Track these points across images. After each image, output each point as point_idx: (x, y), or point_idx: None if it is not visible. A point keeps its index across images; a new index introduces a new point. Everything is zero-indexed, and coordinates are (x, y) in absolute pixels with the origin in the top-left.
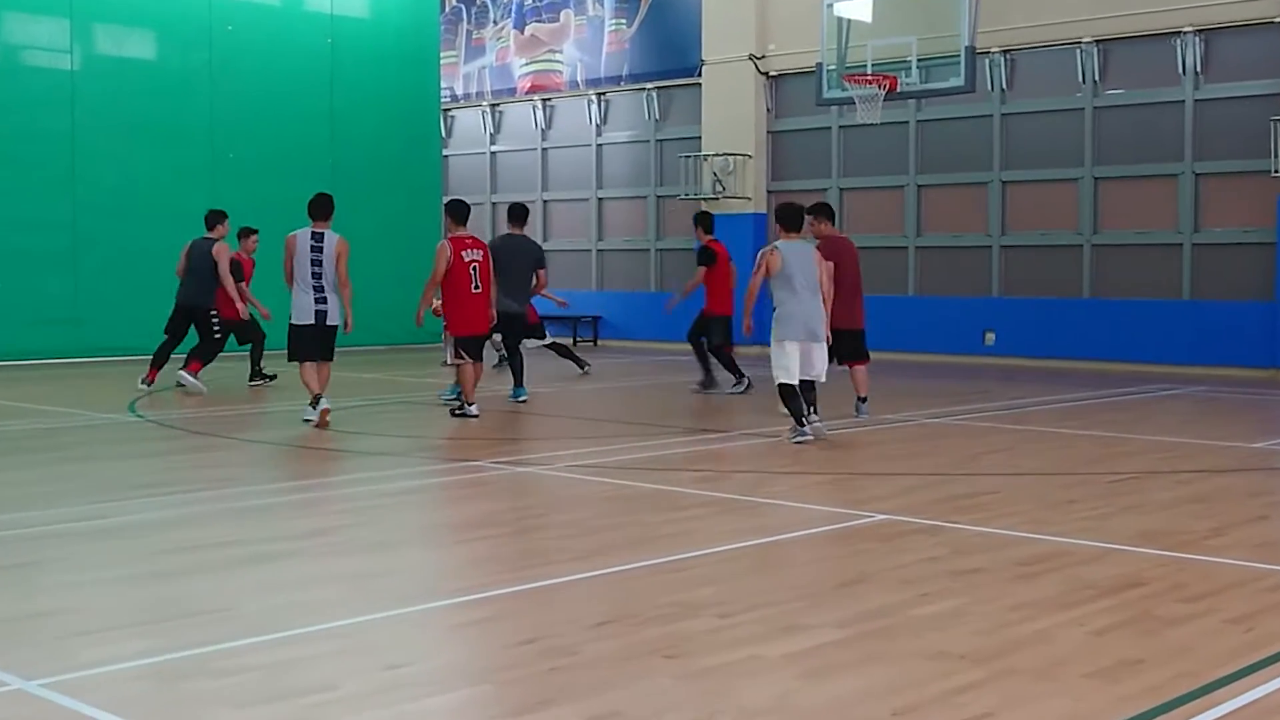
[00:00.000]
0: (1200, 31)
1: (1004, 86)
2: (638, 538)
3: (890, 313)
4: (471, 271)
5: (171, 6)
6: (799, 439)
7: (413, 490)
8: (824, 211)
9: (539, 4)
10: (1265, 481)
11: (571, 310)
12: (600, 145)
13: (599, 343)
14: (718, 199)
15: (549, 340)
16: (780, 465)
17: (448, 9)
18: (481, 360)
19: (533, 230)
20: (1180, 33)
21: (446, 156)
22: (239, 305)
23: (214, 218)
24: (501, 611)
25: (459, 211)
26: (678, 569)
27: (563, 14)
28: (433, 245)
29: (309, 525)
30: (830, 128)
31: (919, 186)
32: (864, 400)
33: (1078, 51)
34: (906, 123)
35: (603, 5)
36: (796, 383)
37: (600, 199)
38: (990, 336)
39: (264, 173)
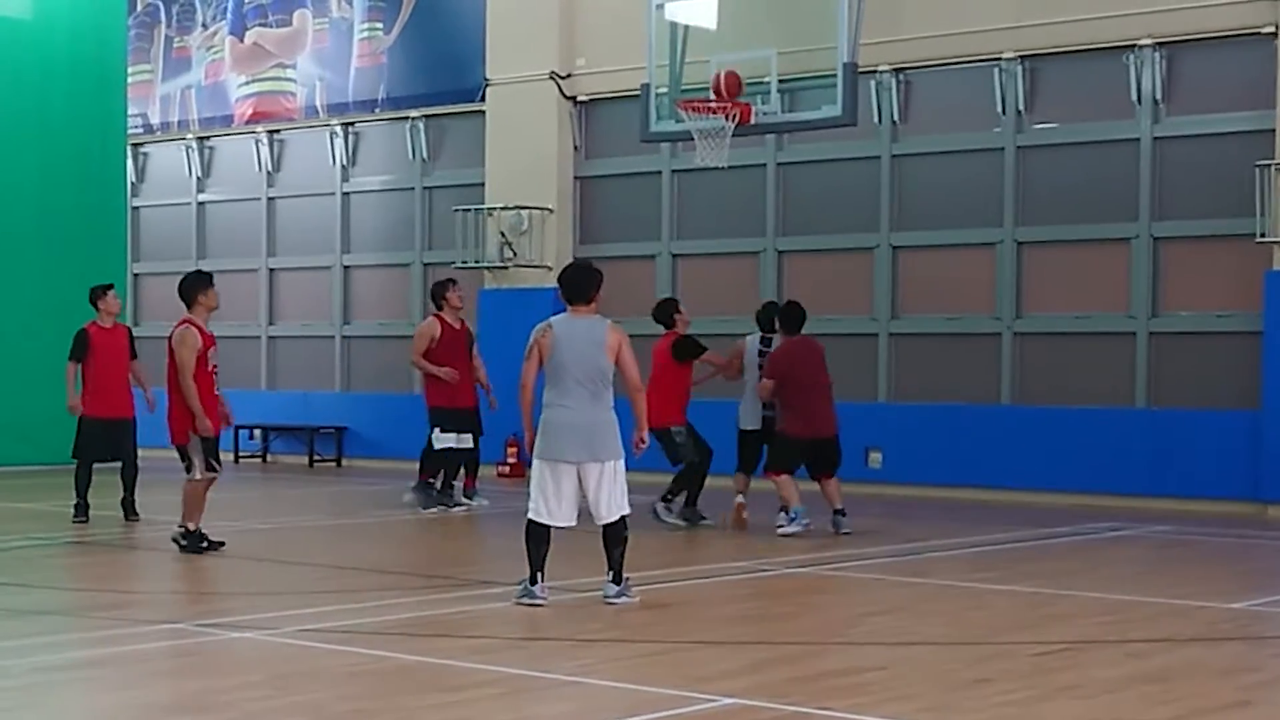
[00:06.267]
0: (1162, 45)
1: (895, 118)
2: None
3: None
4: None
5: None
6: (525, 599)
7: (89, 662)
8: (790, 319)
9: (264, 1)
10: (1245, 655)
11: (309, 419)
12: (348, 194)
13: (344, 462)
14: (506, 268)
15: None
16: (588, 630)
17: (140, 7)
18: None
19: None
20: (1135, 46)
21: (136, 207)
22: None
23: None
24: None
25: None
26: None
27: (296, 15)
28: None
29: None
30: (660, 172)
31: (780, 253)
32: (842, 513)
33: (996, 71)
34: (764, 165)
35: (350, 4)
36: (549, 523)
37: (347, 267)
38: (876, 457)
39: None
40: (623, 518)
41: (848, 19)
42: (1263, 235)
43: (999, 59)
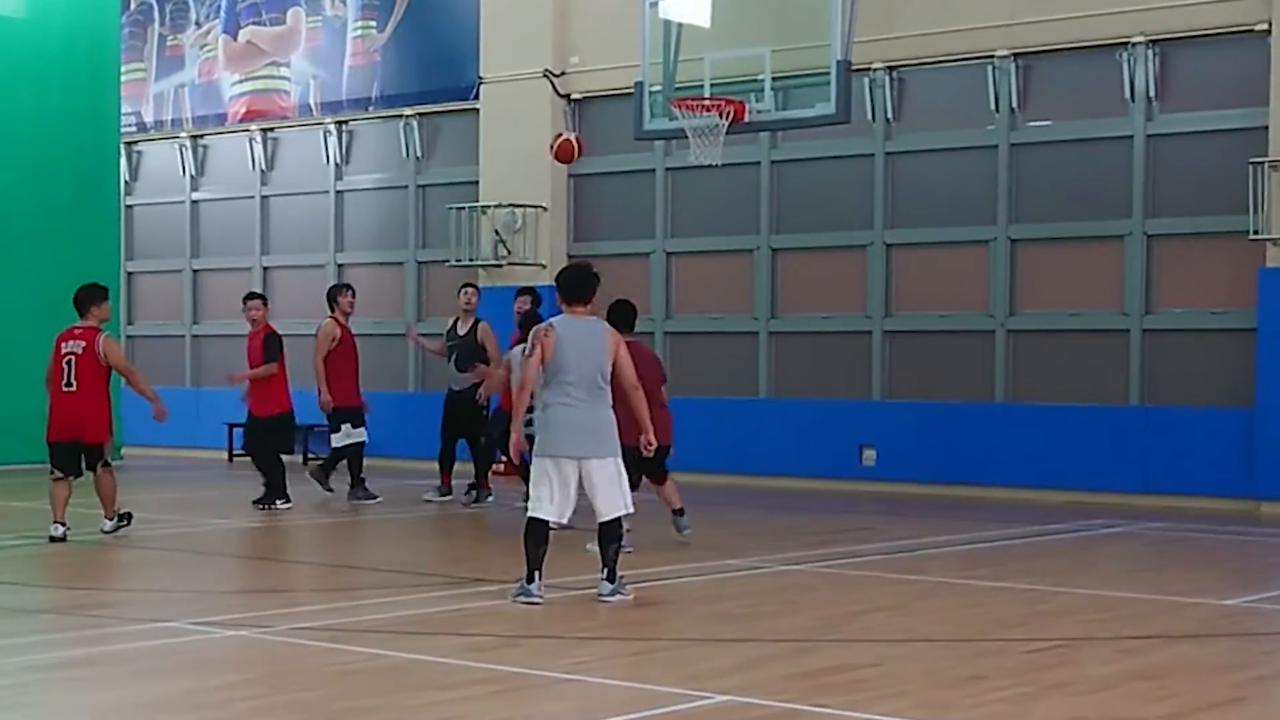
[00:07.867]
0: (1155, 42)
1: (889, 115)
2: None
3: (733, 421)
4: (66, 366)
5: None
6: (522, 598)
7: (82, 661)
8: (622, 316)
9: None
10: (1239, 651)
11: (302, 417)
12: (342, 192)
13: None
14: (501, 266)
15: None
16: (583, 629)
17: (133, 6)
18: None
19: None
20: (1129, 44)
21: (130, 206)
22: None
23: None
24: None
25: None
26: None
27: (290, 13)
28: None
29: None
30: (653, 170)
31: (774, 250)
32: (681, 513)
33: (989, 69)
34: (757, 164)
35: (344, 2)
36: (551, 519)
37: (341, 265)
38: (870, 455)
39: None
40: (618, 517)
41: (841, 17)
42: (1256, 232)
43: (992, 56)
